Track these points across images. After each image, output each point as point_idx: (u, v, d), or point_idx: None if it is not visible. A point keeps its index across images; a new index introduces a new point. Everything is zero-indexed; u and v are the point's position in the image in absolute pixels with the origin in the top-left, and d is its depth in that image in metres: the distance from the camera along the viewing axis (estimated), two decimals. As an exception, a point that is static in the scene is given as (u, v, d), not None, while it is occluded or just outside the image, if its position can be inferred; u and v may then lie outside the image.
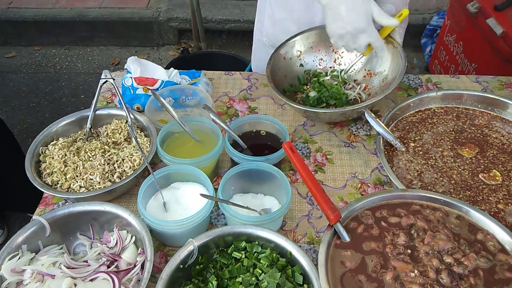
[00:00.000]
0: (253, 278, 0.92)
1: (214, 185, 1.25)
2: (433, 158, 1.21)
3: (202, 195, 1.04)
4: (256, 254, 0.97)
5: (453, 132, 1.28)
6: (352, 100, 1.43)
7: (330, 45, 1.53)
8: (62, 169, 1.20)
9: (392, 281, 0.86)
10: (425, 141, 1.26)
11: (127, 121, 1.32)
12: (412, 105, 1.34)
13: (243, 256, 0.97)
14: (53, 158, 1.23)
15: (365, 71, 1.49)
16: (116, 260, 1.00)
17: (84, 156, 1.23)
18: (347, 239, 0.93)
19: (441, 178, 1.15)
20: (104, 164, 1.21)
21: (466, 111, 1.34)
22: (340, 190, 1.25)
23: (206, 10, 3.89)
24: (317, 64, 1.56)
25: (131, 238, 1.05)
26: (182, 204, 1.13)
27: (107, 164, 1.21)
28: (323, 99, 1.42)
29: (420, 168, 1.18)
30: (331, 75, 1.51)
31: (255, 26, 1.77)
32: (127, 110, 1.30)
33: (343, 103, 1.40)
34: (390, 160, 1.21)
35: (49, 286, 0.94)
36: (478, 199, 1.10)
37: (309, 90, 1.49)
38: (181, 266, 0.94)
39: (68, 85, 3.64)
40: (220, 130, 1.24)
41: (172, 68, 1.51)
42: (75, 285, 0.94)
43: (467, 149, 1.22)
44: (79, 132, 1.34)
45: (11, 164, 2.18)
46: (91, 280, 0.96)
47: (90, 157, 1.23)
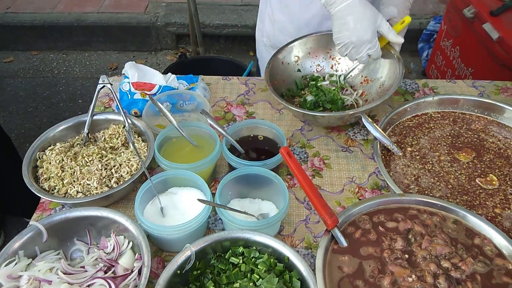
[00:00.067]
0: (251, 284, 0.92)
1: (212, 190, 1.24)
2: (430, 162, 1.21)
3: (200, 200, 1.04)
4: (253, 259, 0.97)
5: (449, 137, 1.28)
6: (348, 106, 1.44)
7: (328, 51, 1.54)
8: (59, 174, 1.20)
9: (389, 286, 0.85)
10: (422, 146, 1.26)
11: (124, 126, 1.32)
12: (409, 109, 1.35)
13: (241, 262, 0.97)
14: (50, 163, 1.22)
15: (362, 78, 1.50)
16: (113, 266, 1.00)
17: (81, 161, 1.23)
18: (345, 244, 0.93)
19: (438, 183, 1.15)
20: (101, 169, 1.20)
21: (463, 116, 1.35)
22: (338, 195, 1.25)
23: (204, 15, 3.90)
24: (315, 69, 1.57)
25: (128, 243, 1.04)
26: (179, 209, 1.13)
27: (105, 169, 1.21)
28: (320, 103, 1.43)
29: (417, 173, 1.18)
30: (329, 80, 1.52)
31: (257, 26, 1.79)
32: (125, 115, 1.30)
33: (339, 108, 1.41)
34: (387, 165, 1.21)
35: (45, 292, 0.93)
36: (475, 204, 1.10)
37: (307, 94, 1.49)
38: (179, 271, 0.93)
39: (66, 90, 3.64)
40: (217, 135, 1.24)
41: (169, 73, 1.52)
42: (72, 291, 0.94)
43: (464, 154, 1.23)
44: (77, 137, 1.34)
45: (8, 169, 2.17)
46: (88, 286, 0.96)
47: (87, 162, 1.23)
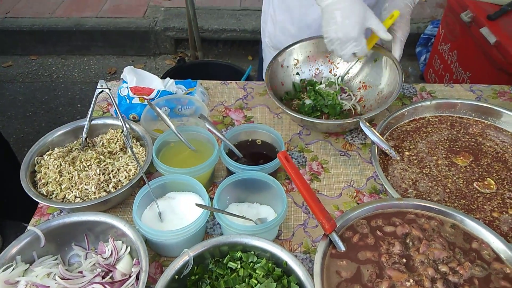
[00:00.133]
0: (249, 288, 0.92)
1: (210, 194, 1.24)
2: (428, 166, 1.21)
3: (198, 204, 1.04)
4: (252, 264, 0.97)
5: (447, 141, 1.29)
6: (346, 111, 1.44)
7: (327, 55, 1.55)
8: (57, 179, 1.20)
9: (387, 291, 0.85)
10: (419, 150, 1.26)
11: (122, 131, 1.32)
12: (406, 114, 1.35)
13: (239, 266, 0.96)
14: (48, 168, 1.22)
15: (361, 83, 1.50)
16: (111, 271, 1.00)
17: (80, 166, 1.23)
18: (343, 248, 0.93)
19: (436, 187, 1.16)
20: (99, 174, 1.20)
21: (460, 120, 1.35)
22: (336, 199, 1.25)
23: (203, 19, 3.91)
24: (313, 73, 1.57)
25: (126, 248, 1.04)
26: (177, 213, 1.13)
27: (103, 174, 1.21)
28: (318, 107, 1.43)
29: (415, 177, 1.19)
30: (326, 83, 1.52)
31: (261, 26, 1.80)
32: (123, 120, 1.30)
33: (337, 113, 1.41)
34: (385, 169, 1.21)
35: (43, 298, 0.93)
36: (473, 208, 1.10)
37: (305, 98, 1.50)
38: (176, 276, 0.93)
39: (65, 94, 3.64)
40: (215, 140, 1.24)
41: (168, 78, 1.52)
42: (70, 296, 0.94)
43: (461, 158, 1.23)
44: (75, 142, 1.34)
45: (7, 174, 2.17)
46: (86, 291, 0.95)
47: (85, 167, 1.23)
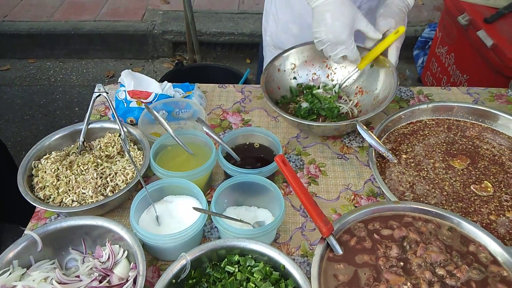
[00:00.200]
0: (246, 292, 0.91)
1: (208, 198, 1.24)
2: (425, 169, 1.21)
3: (195, 208, 1.04)
4: (249, 267, 0.97)
5: (444, 144, 1.29)
6: (344, 114, 1.44)
7: (324, 60, 1.55)
8: (54, 183, 1.19)
9: (385, 294, 0.85)
10: (416, 153, 1.27)
11: (120, 135, 1.32)
12: (403, 117, 1.35)
13: (236, 270, 0.96)
14: (45, 172, 1.22)
15: (357, 88, 1.50)
16: (108, 275, 0.99)
17: (77, 170, 1.22)
18: (340, 252, 0.93)
19: (433, 190, 1.16)
20: (96, 178, 1.20)
21: (457, 123, 1.36)
22: (334, 202, 1.25)
23: (201, 23, 3.92)
24: (310, 78, 1.57)
25: (123, 252, 1.04)
26: (175, 217, 1.13)
27: (100, 178, 1.21)
28: (315, 110, 1.43)
29: (412, 180, 1.19)
30: (323, 88, 1.52)
31: (262, 25, 1.80)
32: (120, 124, 1.30)
33: (334, 116, 1.42)
34: (382, 172, 1.21)
35: (40, 302, 0.93)
36: (470, 211, 1.10)
37: (302, 101, 1.50)
38: (174, 280, 0.93)
39: (63, 97, 3.64)
40: (213, 143, 1.25)
41: (165, 82, 1.52)
42: (67, 301, 0.93)
43: (458, 161, 1.23)
44: (72, 145, 1.34)
45: (5, 177, 2.16)
46: (83, 295, 0.95)
47: (82, 171, 1.22)
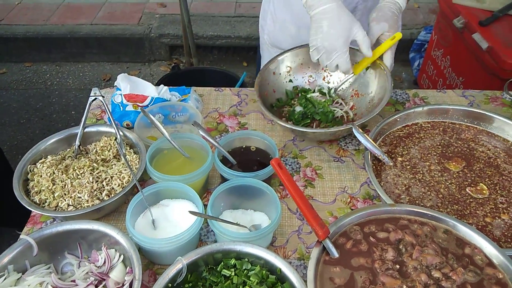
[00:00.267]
0: (243, 296, 0.91)
1: (204, 201, 1.24)
2: (421, 172, 1.22)
3: (191, 212, 1.03)
4: (246, 271, 0.97)
5: (440, 147, 1.29)
6: (338, 118, 1.45)
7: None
8: (50, 187, 1.19)
9: (381, 297, 0.85)
10: (412, 156, 1.27)
11: (116, 138, 1.32)
12: (399, 120, 1.36)
13: (233, 274, 0.96)
14: (41, 176, 1.22)
15: (353, 91, 1.51)
16: (104, 280, 0.99)
17: (73, 174, 1.22)
18: (336, 255, 0.93)
19: (429, 192, 1.16)
20: (92, 182, 1.20)
21: (453, 126, 1.36)
22: (330, 205, 1.25)
23: (197, 26, 3.92)
24: (306, 81, 1.57)
25: (119, 256, 1.03)
26: (171, 221, 1.12)
27: (96, 182, 1.20)
28: (308, 114, 1.43)
29: (408, 183, 1.19)
30: (318, 91, 1.52)
31: (259, 24, 1.80)
32: (116, 127, 1.30)
33: (329, 120, 1.42)
34: (378, 175, 1.22)
35: (35, 307, 0.92)
36: (466, 213, 1.11)
37: (296, 105, 1.50)
38: (170, 285, 0.93)
39: (59, 101, 3.63)
40: (209, 146, 1.25)
41: (162, 85, 1.52)
42: (62, 305, 0.93)
43: (454, 163, 1.24)
44: (68, 149, 1.33)
45: (1, 181, 2.15)
46: (79, 300, 0.95)
47: (78, 175, 1.22)
